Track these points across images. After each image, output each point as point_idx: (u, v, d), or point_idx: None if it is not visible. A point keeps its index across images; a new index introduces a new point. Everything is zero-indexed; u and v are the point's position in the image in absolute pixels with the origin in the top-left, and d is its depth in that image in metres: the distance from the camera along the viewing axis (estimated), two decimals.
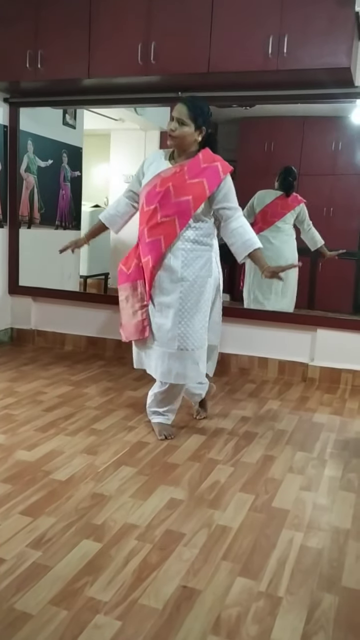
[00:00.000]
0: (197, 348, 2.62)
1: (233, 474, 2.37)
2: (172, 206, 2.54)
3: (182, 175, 2.55)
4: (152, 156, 2.74)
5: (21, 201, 4.39)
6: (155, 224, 2.58)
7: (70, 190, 4.76)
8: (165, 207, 2.55)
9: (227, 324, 3.89)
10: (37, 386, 3.41)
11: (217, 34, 3.25)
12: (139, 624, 1.47)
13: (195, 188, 2.54)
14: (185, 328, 2.59)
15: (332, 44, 3.06)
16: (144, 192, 2.64)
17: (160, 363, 2.63)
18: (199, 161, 2.57)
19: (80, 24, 3.53)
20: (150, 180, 2.62)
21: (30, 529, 1.88)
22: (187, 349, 2.59)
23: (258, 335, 3.89)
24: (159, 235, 2.57)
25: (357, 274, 4.40)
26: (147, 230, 2.60)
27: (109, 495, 2.13)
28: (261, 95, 3.66)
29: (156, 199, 2.56)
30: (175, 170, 2.58)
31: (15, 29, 3.71)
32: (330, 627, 1.50)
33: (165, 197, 2.55)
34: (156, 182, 2.59)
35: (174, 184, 2.54)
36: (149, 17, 3.38)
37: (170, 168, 2.61)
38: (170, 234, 2.56)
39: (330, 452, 2.66)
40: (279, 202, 4.25)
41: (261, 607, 1.56)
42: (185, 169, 2.56)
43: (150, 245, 2.59)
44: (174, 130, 2.53)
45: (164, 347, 2.62)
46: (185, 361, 2.60)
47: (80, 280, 5.02)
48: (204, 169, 2.56)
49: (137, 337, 2.72)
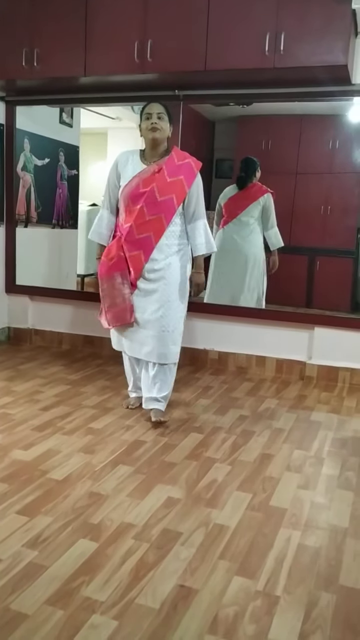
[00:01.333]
0: (174, 329, 2.85)
1: (230, 472, 2.37)
2: (158, 205, 2.76)
3: (162, 175, 2.77)
4: (123, 157, 2.91)
5: (18, 200, 4.37)
6: (144, 221, 2.77)
7: (67, 189, 4.75)
8: (152, 206, 2.76)
9: (224, 322, 3.90)
10: (34, 385, 3.40)
11: (214, 31, 3.24)
12: (136, 624, 1.46)
13: (175, 186, 2.78)
14: (165, 311, 2.82)
15: (328, 41, 3.05)
16: (126, 191, 2.81)
17: (145, 344, 2.85)
18: (173, 159, 2.81)
19: (77, 21, 3.52)
20: (130, 180, 2.81)
21: (27, 528, 1.87)
22: (168, 330, 2.82)
23: (256, 333, 3.89)
24: (149, 232, 2.79)
25: (354, 272, 4.39)
26: (136, 227, 2.78)
27: (106, 494, 2.13)
28: (258, 93, 3.65)
29: (141, 198, 2.77)
30: (154, 170, 2.79)
31: (11, 27, 3.70)
32: (328, 626, 1.49)
33: (150, 197, 2.76)
34: (138, 182, 2.79)
35: (157, 184, 2.75)
36: (146, 15, 3.36)
37: (147, 168, 2.81)
38: (158, 230, 2.79)
39: (328, 451, 2.65)
40: (241, 194, 4.19)
41: (258, 607, 1.55)
42: (164, 169, 2.78)
43: (141, 241, 2.79)
44: (157, 123, 2.75)
45: (148, 329, 2.83)
46: (166, 341, 2.83)
47: (78, 279, 5.01)
48: (179, 167, 2.81)
49: (123, 322, 2.88)
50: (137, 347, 2.89)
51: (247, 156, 4.22)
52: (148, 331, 2.83)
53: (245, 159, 4.21)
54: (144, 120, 2.79)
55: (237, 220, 4.18)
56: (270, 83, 3.49)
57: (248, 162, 4.20)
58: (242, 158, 4.28)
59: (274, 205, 4.14)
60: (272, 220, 4.15)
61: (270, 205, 4.14)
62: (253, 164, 4.19)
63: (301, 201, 4.46)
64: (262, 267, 4.17)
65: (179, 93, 3.74)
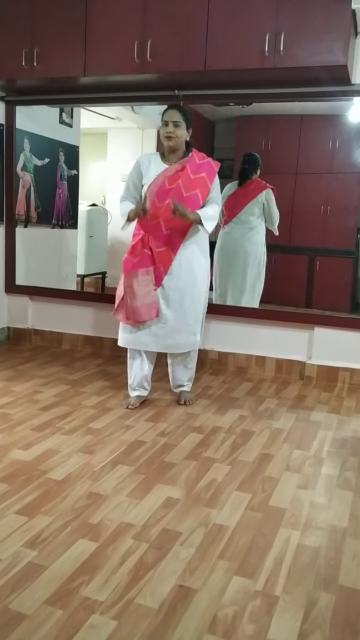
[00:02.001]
0: (196, 322, 3.07)
1: (230, 472, 2.37)
2: (184, 200, 2.88)
3: (186, 173, 2.91)
4: (146, 159, 3.03)
5: (18, 200, 4.37)
6: (171, 217, 2.86)
7: (67, 189, 4.75)
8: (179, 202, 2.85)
9: (224, 322, 3.89)
10: (33, 385, 3.40)
11: (214, 31, 3.24)
12: (135, 624, 1.46)
13: (199, 183, 2.93)
14: (189, 306, 3.00)
15: (328, 41, 3.05)
16: (151, 189, 2.91)
17: (168, 338, 3.01)
18: (194, 159, 2.96)
19: (77, 21, 3.51)
20: (155, 178, 2.91)
21: (26, 528, 1.87)
22: (190, 323, 3.02)
23: (255, 333, 3.89)
24: (177, 228, 2.91)
25: (354, 272, 4.40)
26: (165, 223, 2.90)
27: (105, 494, 2.13)
28: (258, 93, 3.65)
29: (168, 195, 2.87)
30: (177, 169, 2.91)
31: (11, 27, 3.69)
32: (327, 625, 1.49)
33: (177, 193, 2.88)
34: (163, 180, 2.90)
35: (183, 181, 2.89)
36: (145, 15, 3.36)
37: (171, 167, 2.93)
38: (186, 226, 2.92)
39: (327, 451, 2.65)
40: (240, 192, 4.17)
41: (258, 606, 1.55)
42: (188, 168, 2.92)
43: (169, 236, 2.93)
44: (172, 132, 2.88)
45: (172, 324, 3.00)
46: (187, 333, 3.03)
47: (78, 279, 5.01)
48: (200, 165, 2.95)
49: (148, 319, 2.98)
50: (158, 340, 3.01)
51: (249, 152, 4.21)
52: (172, 325, 2.99)
53: (249, 154, 4.20)
54: (162, 126, 2.92)
55: (237, 219, 4.17)
56: (270, 83, 3.48)
57: (251, 156, 4.19)
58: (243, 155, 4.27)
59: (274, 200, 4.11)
60: (276, 216, 4.11)
61: (271, 201, 4.11)
62: (255, 159, 4.18)
63: (301, 201, 4.47)
64: (262, 264, 4.15)
65: (178, 93, 3.73)
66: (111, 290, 5.10)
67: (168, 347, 3.05)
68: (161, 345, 3.04)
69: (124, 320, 3.04)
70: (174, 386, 3.25)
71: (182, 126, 2.90)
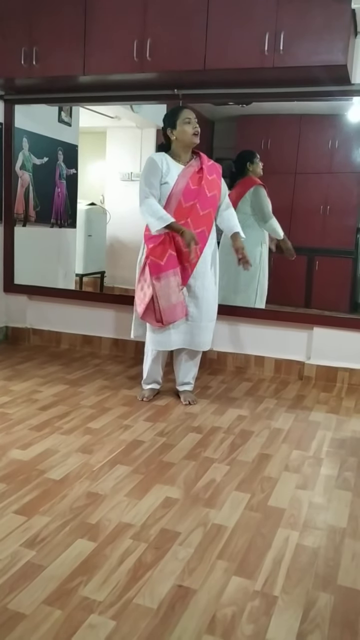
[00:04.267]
0: (212, 320, 3.19)
1: (229, 472, 2.36)
2: (208, 200, 3.02)
3: (204, 174, 3.02)
4: (160, 160, 3.03)
5: (16, 199, 4.37)
6: (198, 216, 3.00)
7: (66, 188, 4.74)
8: (204, 202, 3.01)
9: (223, 322, 3.89)
10: (32, 385, 3.39)
11: (213, 30, 3.24)
12: (134, 624, 1.46)
13: (215, 184, 3.07)
14: (210, 303, 3.13)
15: (328, 41, 3.05)
16: (177, 190, 2.98)
17: (193, 335, 3.11)
18: (205, 161, 3.07)
19: (76, 20, 3.51)
20: (178, 179, 2.99)
21: (25, 528, 1.86)
22: (212, 320, 3.17)
23: (254, 333, 3.89)
24: (203, 227, 3.02)
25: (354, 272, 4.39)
26: (193, 222, 2.99)
27: (104, 494, 2.12)
28: (257, 92, 3.65)
29: (194, 195, 2.99)
30: (195, 169, 3.03)
31: (9, 26, 3.69)
32: (326, 626, 1.49)
33: (202, 194, 3.00)
34: (187, 181, 3.00)
35: (205, 182, 3.00)
36: (145, 14, 3.36)
37: (188, 168, 3.03)
38: (210, 224, 3.07)
39: (326, 451, 2.65)
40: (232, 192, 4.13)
41: (256, 607, 1.55)
42: (204, 168, 3.03)
43: (197, 236, 2.96)
44: (198, 127, 3.00)
45: (196, 322, 3.10)
46: (208, 330, 3.16)
47: (76, 279, 5.01)
48: (210, 167, 3.08)
49: (180, 318, 3.06)
50: (188, 338, 3.12)
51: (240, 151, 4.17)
52: (198, 322, 3.10)
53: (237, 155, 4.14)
54: (185, 124, 2.98)
55: None
56: (269, 82, 3.48)
57: (238, 157, 4.12)
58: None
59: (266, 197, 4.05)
60: (266, 212, 4.02)
61: (258, 197, 4.00)
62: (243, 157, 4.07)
63: (300, 201, 4.46)
64: (258, 264, 4.12)
65: (178, 92, 3.73)
66: (109, 289, 5.12)
67: (194, 344, 3.14)
68: (189, 342, 3.13)
69: (155, 323, 3.06)
70: (180, 384, 3.28)
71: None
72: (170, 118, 3.03)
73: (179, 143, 3.03)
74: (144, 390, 3.27)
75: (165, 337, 3.10)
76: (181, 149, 3.04)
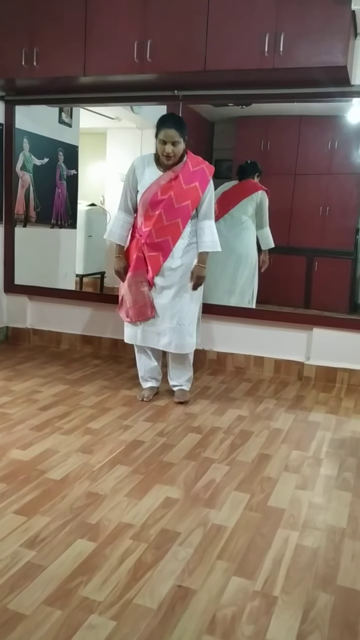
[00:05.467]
0: (190, 323, 3.11)
1: (228, 472, 2.37)
2: (175, 211, 2.98)
3: (179, 183, 2.96)
4: (140, 163, 3.06)
5: (17, 199, 4.37)
6: (162, 226, 3.00)
7: (66, 189, 4.75)
8: (170, 213, 2.98)
9: (223, 322, 3.90)
10: (32, 385, 3.39)
11: (213, 32, 3.24)
12: (134, 624, 1.46)
13: (191, 193, 2.98)
14: (181, 305, 3.07)
15: (328, 42, 3.05)
16: (144, 198, 3.00)
17: (163, 336, 3.11)
18: (188, 166, 3.00)
19: (77, 21, 3.51)
20: (149, 188, 2.99)
21: (25, 528, 1.87)
22: (184, 323, 3.08)
23: (254, 334, 3.89)
24: (167, 236, 3.01)
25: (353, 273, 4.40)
26: (155, 232, 3.01)
27: (104, 494, 2.12)
28: (257, 93, 3.65)
29: (160, 205, 2.98)
30: (171, 178, 2.97)
31: (10, 26, 3.69)
32: (326, 626, 1.49)
33: (168, 204, 2.97)
34: (156, 190, 2.98)
35: (174, 192, 2.95)
36: (145, 15, 3.36)
37: (164, 176, 2.98)
38: (175, 234, 3.02)
39: (326, 451, 2.65)
40: (235, 189, 4.15)
41: (256, 607, 1.55)
42: (180, 177, 2.96)
43: (160, 244, 3.02)
44: (171, 152, 2.90)
45: (166, 323, 3.09)
46: (182, 333, 3.09)
47: (76, 279, 5.01)
48: (194, 173, 3.00)
49: (145, 318, 3.10)
50: (156, 338, 3.14)
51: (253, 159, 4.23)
52: (166, 324, 3.09)
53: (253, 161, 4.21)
54: (160, 143, 2.92)
55: (229, 216, 4.12)
56: (269, 84, 3.49)
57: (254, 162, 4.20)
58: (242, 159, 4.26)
59: (268, 204, 4.10)
60: (265, 220, 4.08)
61: (264, 203, 4.09)
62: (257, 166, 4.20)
63: (300, 202, 4.46)
64: (255, 267, 4.14)
65: (178, 93, 3.74)
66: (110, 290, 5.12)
67: (166, 346, 3.13)
68: (160, 343, 3.14)
69: (125, 318, 3.20)
70: (172, 386, 3.31)
71: (181, 143, 2.92)
72: (156, 127, 2.97)
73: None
74: (144, 390, 3.28)
75: (136, 333, 3.17)
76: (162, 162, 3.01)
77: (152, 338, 3.15)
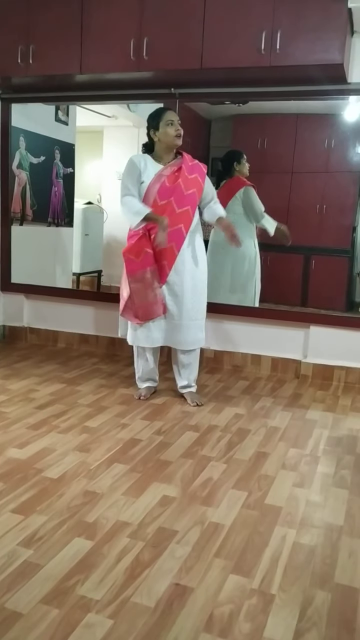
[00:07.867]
0: (202, 317, 3.15)
1: (226, 470, 2.37)
2: (185, 198, 3.00)
3: (183, 173, 3.02)
4: (140, 159, 3.07)
5: (13, 198, 4.36)
6: (174, 214, 2.98)
7: (63, 187, 4.73)
8: (180, 200, 2.99)
9: (220, 321, 3.90)
10: (29, 384, 3.39)
11: (210, 29, 3.24)
12: (131, 623, 1.46)
13: (195, 182, 3.05)
14: (194, 301, 3.09)
15: (325, 40, 3.05)
16: (152, 189, 3.01)
17: (176, 334, 3.09)
18: (187, 160, 3.07)
19: (73, 19, 3.50)
20: (155, 178, 3.01)
21: (22, 527, 1.86)
22: (197, 319, 3.11)
23: (251, 332, 3.89)
24: (180, 224, 3.00)
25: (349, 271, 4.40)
26: (169, 220, 2.95)
27: (101, 492, 2.12)
28: (254, 91, 3.65)
29: (169, 193, 2.99)
30: (174, 169, 3.03)
31: (6, 24, 3.68)
32: (323, 624, 1.49)
33: (178, 191, 2.99)
34: (163, 180, 3.01)
35: (182, 180, 2.99)
36: (141, 13, 3.35)
37: (166, 167, 3.04)
38: (187, 222, 3.03)
39: (323, 449, 2.65)
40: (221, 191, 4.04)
41: (254, 605, 1.55)
42: (183, 167, 3.03)
43: (173, 233, 2.98)
44: (180, 130, 3.00)
45: (178, 320, 3.08)
46: (195, 329, 3.11)
47: (73, 278, 5.00)
48: (192, 166, 3.07)
49: (156, 316, 3.06)
50: (169, 337, 3.11)
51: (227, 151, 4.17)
52: (178, 321, 3.08)
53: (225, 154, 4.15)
54: (168, 126, 2.99)
55: None
56: (266, 81, 3.48)
57: (224, 157, 4.12)
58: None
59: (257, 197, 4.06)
60: (259, 212, 4.04)
61: (251, 197, 4.03)
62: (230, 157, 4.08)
63: (297, 200, 4.45)
64: (254, 264, 4.12)
65: (174, 91, 3.73)
66: (106, 288, 5.11)
67: (176, 343, 3.12)
68: (170, 341, 3.13)
69: (133, 319, 3.11)
70: (181, 387, 3.26)
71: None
72: (153, 119, 3.03)
73: (161, 144, 3.04)
74: (141, 389, 3.27)
75: (145, 334, 3.11)
76: (163, 150, 3.05)
77: (163, 337, 3.11)
